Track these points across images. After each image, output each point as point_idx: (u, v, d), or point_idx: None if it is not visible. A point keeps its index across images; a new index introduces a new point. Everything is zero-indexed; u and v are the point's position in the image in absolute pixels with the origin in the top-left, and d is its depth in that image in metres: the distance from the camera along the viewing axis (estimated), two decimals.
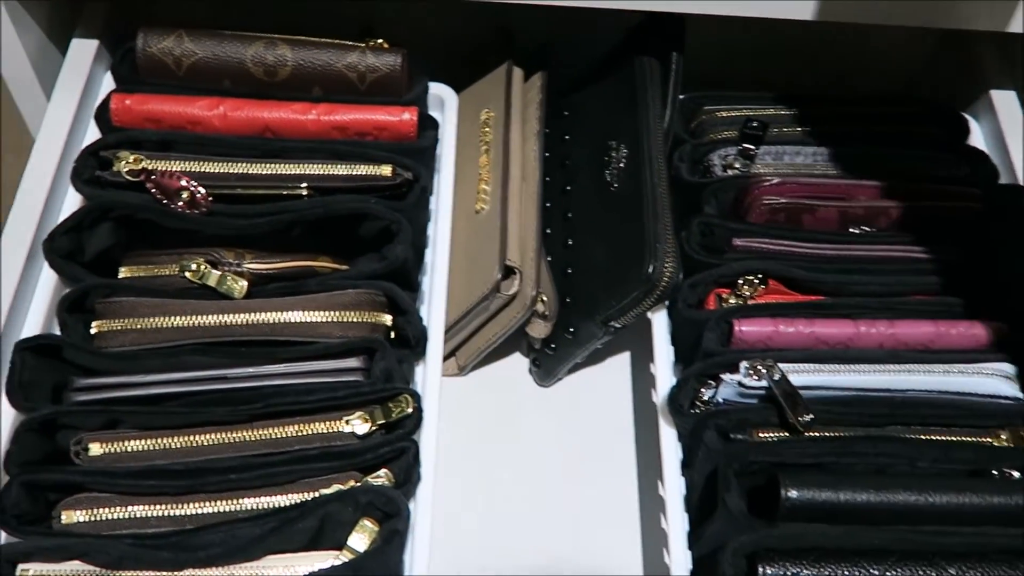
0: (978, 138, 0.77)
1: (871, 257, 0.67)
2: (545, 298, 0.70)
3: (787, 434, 0.60)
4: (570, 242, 0.73)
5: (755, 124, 0.72)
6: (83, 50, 0.76)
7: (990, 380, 0.61)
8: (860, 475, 0.58)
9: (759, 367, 0.60)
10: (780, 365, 0.61)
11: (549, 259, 0.74)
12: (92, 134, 0.72)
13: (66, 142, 0.71)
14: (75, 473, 0.57)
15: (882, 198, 0.69)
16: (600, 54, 0.80)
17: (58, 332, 0.63)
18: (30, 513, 0.56)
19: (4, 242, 0.66)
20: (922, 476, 0.58)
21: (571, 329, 0.70)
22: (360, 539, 0.56)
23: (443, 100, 0.77)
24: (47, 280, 0.66)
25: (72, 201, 0.69)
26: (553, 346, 0.72)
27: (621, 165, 0.71)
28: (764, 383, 0.60)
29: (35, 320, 0.64)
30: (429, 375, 0.64)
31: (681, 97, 0.75)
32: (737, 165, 0.71)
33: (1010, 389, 0.61)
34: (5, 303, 0.63)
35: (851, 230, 0.69)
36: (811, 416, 0.59)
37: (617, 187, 0.71)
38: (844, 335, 0.63)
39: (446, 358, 0.74)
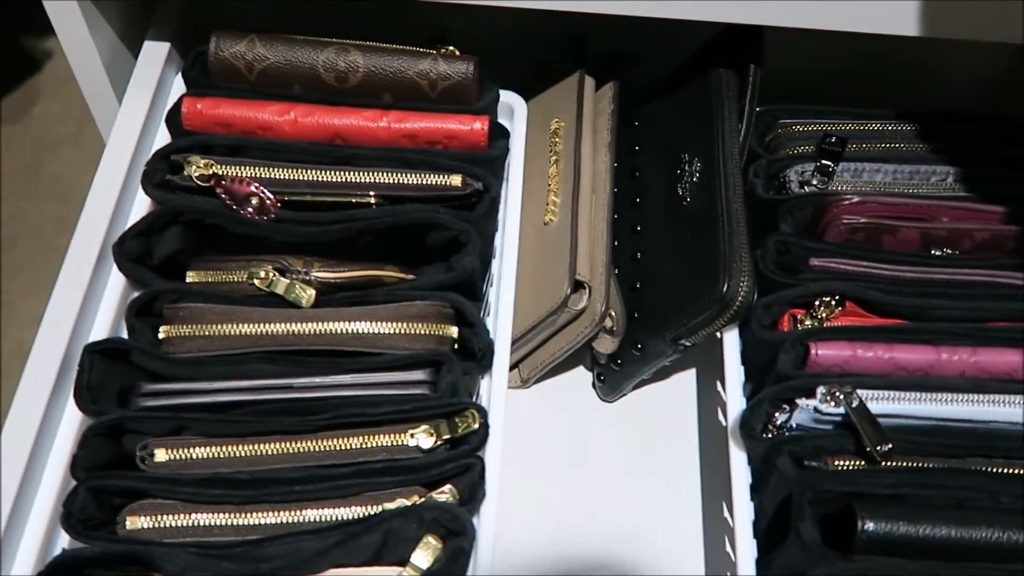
0: None
1: (953, 281, 0.65)
2: (613, 313, 0.69)
3: (864, 463, 0.58)
4: (639, 256, 0.72)
5: (833, 139, 0.70)
6: (155, 52, 0.76)
7: None
8: (939, 508, 0.56)
9: (837, 393, 0.59)
10: (859, 391, 0.59)
11: (616, 272, 0.72)
12: (162, 138, 0.72)
13: (136, 145, 0.71)
14: (141, 480, 0.57)
15: (966, 220, 0.67)
16: (675, 64, 0.78)
17: (126, 336, 0.63)
18: (95, 518, 0.56)
19: (74, 245, 0.66)
20: (1005, 512, 0.56)
21: (639, 345, 0.69)
22: (424, 556, 0.55)
23: (512, 109, 0.76)
24: (116, 283, 0.66)
25: (142, 204, 0.69)
26: (619, 362, 0.71)
27: (695, 179, 0.70)
28: (841, 409, 0.59)
29: (104, 323, 0.64)
30: (495, 389, 0.63)
31: (757, 110, 0.73)
32: (814, 182, 0.70)
33: None
34: (75, 306, 0.63)
35: (933, 252, 0.67)
36: (890, 445, 0.57)
37: (690, 201, 0.70)
38: (924, 362, 0.61)
39: (510, 370, 0.73)
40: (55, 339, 0.62)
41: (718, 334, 0.66)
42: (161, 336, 0.63)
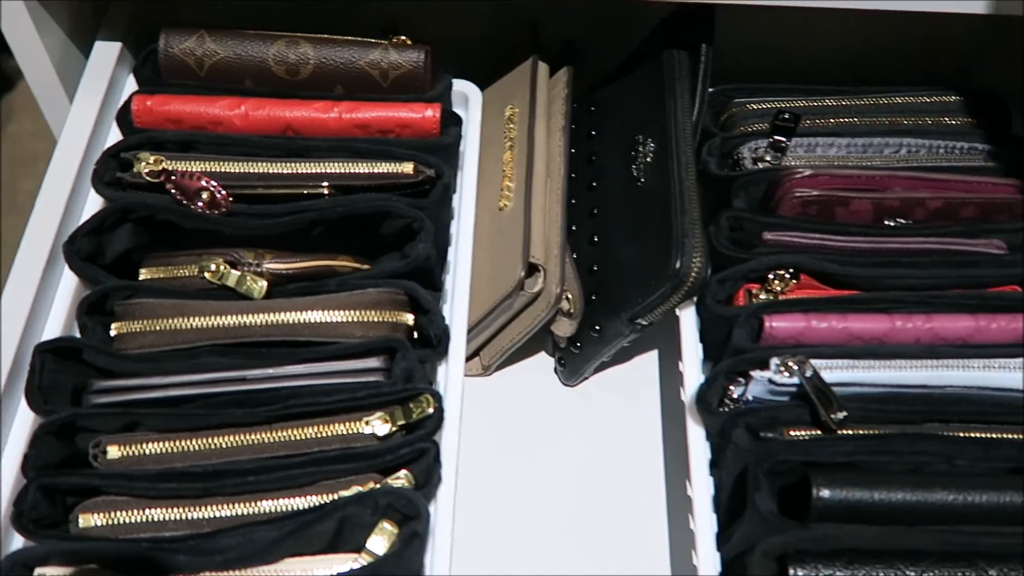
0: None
1: (907, 250, 0.65)
2: (570, 296, 0.68)
3: (819, 432, 0.58)
4: (596, 239, 0.72)
5: (787, 116, 0.70)
6: (106, 52, 0.75)
7: None
8: (896, 474, 0.56)
9: (790, 364, 0.58)
10: (812, 361, 0.59)
11: (575, 256, 0.72)
12: (114, 137, 0.72)
13: (88, 144, 0.70)
14: (92, 476, 0.57)
15: (918, 189, 0.67)
16: (629, 47, 0.78)
17: (78, 335, 0.63)
18: (48, 517, 0.56)
19: (25, 244, 0.65)
20: (961, 475, 0.56)
21: (597, 327, 0.69)
22: (379, 541, 0.55)
23: (467, 97, 0.76)
24: (68, 283, 0.65)
25: (94, 204, 0.69)
26: (579, 345, 0.71)
27: (648, 160, 0.70)
28: (796, 380, 0.58)
29: (56, 323, 0.64)
30: (451, 375, 0.63)
31: (711, 91, 0.73)
32: (768, 158, 0.70)
33: None
34: (26, 306, 0.63)
35: (886, 223, 0.67)
36: (844, 413, 0.57)
37: (644, 182, 0.69)
38: (879, 330, 0.61)
39: (470, 358, 0.73)
40: (6, 340, 0.61)
41: (676, 312, 0.66)
42: (113, 333, 0.62)
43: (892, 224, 0.66)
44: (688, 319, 0.66)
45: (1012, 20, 0.64)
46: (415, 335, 0.65)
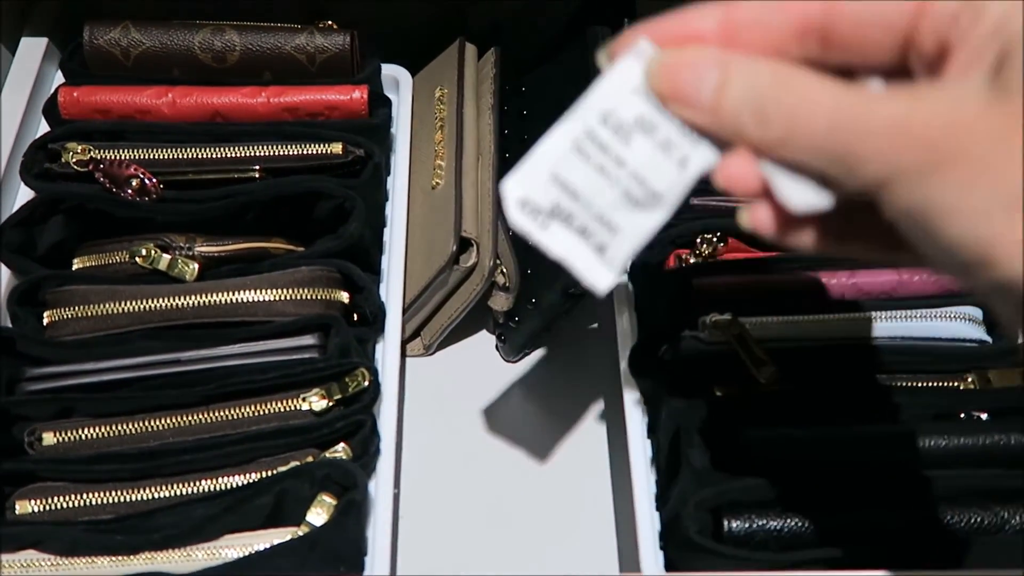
0: None
1: None
2: (505, 269, 0.69)
3: (750, 389, 0.59)
4: None
5: None
6: (32, 48, 0.75)
7: (954, 324, 0.60)
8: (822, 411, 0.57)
9: (718, 322, 0.59)
10: (740, 319, 0.60)
11: (511, 233, 0.73)
12: (43, 130, 0.71)
13: (15, 139, 0.70)
14: (26, 462, 0.57)
15: None
16: (555, 27, 0.79)
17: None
18: None
19: None
20: (888, 409, 0.57)
21: (533, 300, 0.69)
22: (318, 514, 0.55)
23: (398, 81, 0.77)
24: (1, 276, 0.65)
25: (24, 197, 0.68)
26: (517, 319, 0.71)
27: None
28: (725, 339, 0.59)
29: None
30: (388, 349, 0.64)
31: None
32: None
33: (976, 332, 0.61)
34: None
35: None
36: (773, 369, 0.58)
37: None
38: (805, 287, 0.62)
39: (411, 338, 0.73)
40: None
41: None
42: (45, 322, 0.62)
43: None
44: (621, 287, 0.67)
45: None
46: (354, 316, 0.65)
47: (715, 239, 0.65)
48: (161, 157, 0.66)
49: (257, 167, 0.66)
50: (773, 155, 0.33)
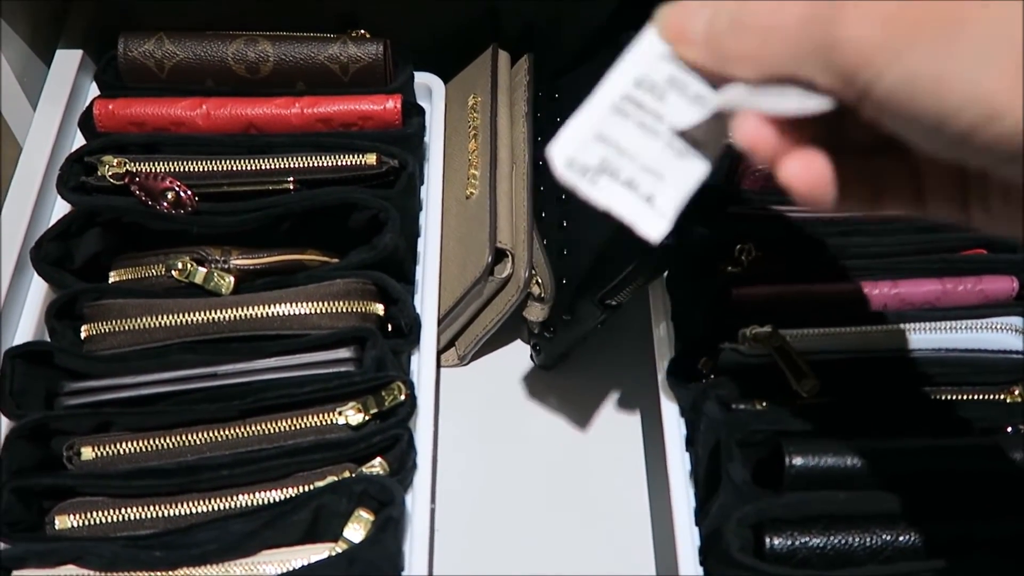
0: None
1: (871, 218, 0.65)
2: (540, 280, 0.68)
3: (791, 401, 0.58)
4: (565, 224, 0.72)
5: None
6: (67, 60, 0.76)
7: (1000, 335, 0.59)
8: (868, 439, 0.56)
9: (759, 334, 0.59)
10: (781, 331, 0.59)
11: (545, 242, 0.72)
12: (79, 143, 0.72)
13: (52, 151, 0.70)
14: (66, 477, 0.57)
15: None
16: (590, 31, 0.78)
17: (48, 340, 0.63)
18: (23, 521, 0.56)
19: None
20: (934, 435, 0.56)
21: (568, 310, 0.69)
22: (356, 530, 0.55)
23: (430, 89, 0.77)
24: (37, 288, 0.66)
25: (61, 210, 0.69)
26: (552, 329, 0.71)
27: None
28: (765, 351, 0.59)
29: (26, 328, 0.64)
30: (424, 362, 0.63)
31: None
32: None
33: (1021, 343, 0.59)
34: None
35: None
36: (815, 381, 0.57)
37: None
38: (846, 298, 0.61)
39: (446, 348, 0.73)
40: None
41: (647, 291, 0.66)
42: (83, 335, 0.62)
43: None
44: (657, 297, 0.66)
45: None
46: (388, 327, 0.65)
47: (753, 248, 0.64)
48: (196, 169, 0.66)
49: (291, 179, 0.66)
50: (755, 72, 0.35)
